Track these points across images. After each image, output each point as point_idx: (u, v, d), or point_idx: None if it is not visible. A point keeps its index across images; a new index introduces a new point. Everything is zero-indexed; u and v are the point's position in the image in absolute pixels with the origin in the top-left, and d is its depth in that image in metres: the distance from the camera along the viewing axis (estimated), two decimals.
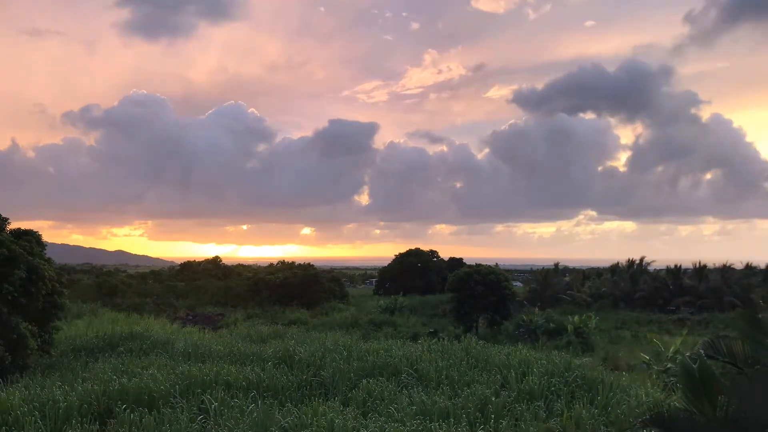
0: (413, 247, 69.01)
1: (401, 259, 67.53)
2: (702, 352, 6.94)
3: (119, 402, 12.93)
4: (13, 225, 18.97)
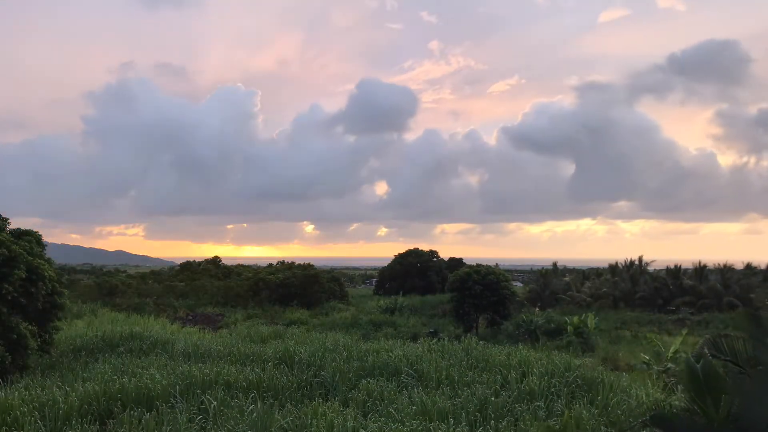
0: (413, 247, 69.03)
1: (401, 259, 67.52)
2: (706, 350, 6.93)
3: (119, 402, 12.93)
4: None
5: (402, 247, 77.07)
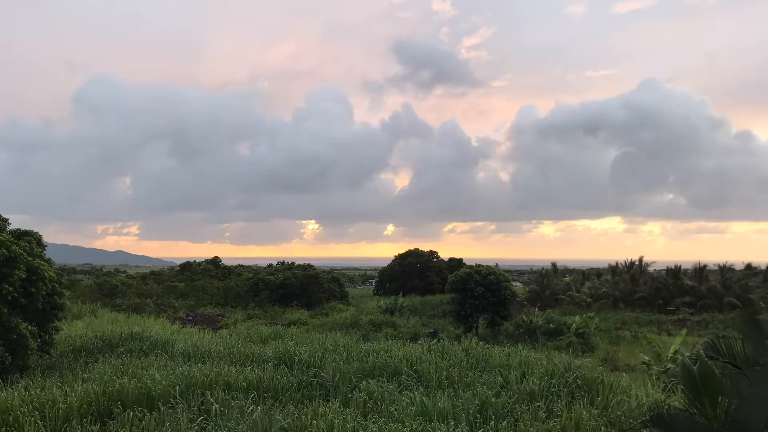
0: (413, 248, 68.98)
1: (401, 259, 67.51)
2: (702, 352, 6.96)
3: (119, 402, 12.94)
4: None
5: (404, 248, 76.64)
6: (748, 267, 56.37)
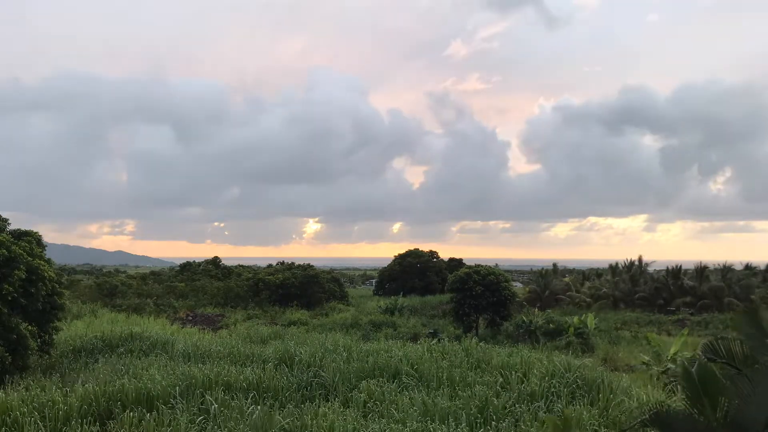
0: (413, 248, 68.98)
1: (400, 259, 67.51)
2: (701, 354, 6.97)
3: (119, 403, 12.94)
4: None
5: (406, 247, 76.28)
6: (748, 267, 56.40)
